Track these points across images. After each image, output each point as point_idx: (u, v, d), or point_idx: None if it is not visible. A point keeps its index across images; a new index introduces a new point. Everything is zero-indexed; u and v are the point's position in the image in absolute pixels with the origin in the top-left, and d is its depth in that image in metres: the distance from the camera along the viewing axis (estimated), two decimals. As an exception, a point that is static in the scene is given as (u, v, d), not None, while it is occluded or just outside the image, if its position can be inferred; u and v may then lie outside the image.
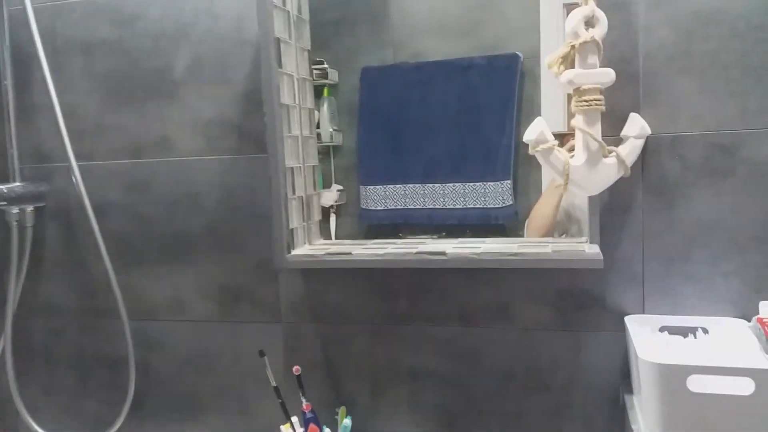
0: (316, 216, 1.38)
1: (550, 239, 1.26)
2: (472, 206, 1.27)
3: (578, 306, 1.25)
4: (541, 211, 1.27)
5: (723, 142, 1.16)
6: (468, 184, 1.27)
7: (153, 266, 1.50)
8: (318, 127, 1.35)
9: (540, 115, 1.22)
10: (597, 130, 1.13)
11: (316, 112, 1.36)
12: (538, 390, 1.29)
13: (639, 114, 1.16)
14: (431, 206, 1.30)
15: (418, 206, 1.30)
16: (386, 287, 1.34)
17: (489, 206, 1.27)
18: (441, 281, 1.31)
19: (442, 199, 1.29)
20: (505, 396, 1.31)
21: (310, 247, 1.32)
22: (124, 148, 1.49)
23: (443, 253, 1.18)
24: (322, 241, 1.38)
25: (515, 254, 1.16)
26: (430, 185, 1.30)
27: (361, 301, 1.36)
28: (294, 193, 1.28)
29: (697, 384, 0.93)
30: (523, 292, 1.27)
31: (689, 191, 1.18)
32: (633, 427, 1.03)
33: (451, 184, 1.28)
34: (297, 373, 1.25)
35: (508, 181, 1.25)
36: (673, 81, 1.17)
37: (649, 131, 1.16)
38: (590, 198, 1.19)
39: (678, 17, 1.16)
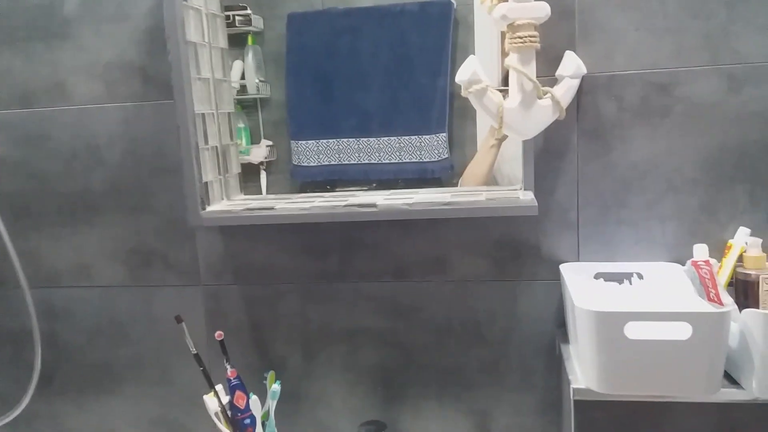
0: (235, 168, 1.27)
1: (484, 188, 1.20)
2: (407, 160, 1.23)
3: (514, 255, 1.21)
4: (475, 171, 1.22)
5: (660, 80, 1.12)
6: (403, 137, 1.23)
7: (53, 229, 1.36)
8: (243, 78, 1.27)
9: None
10: (532, 70, 1.07)
11: (240, 61, 1.27)
12: (476, 343, 1.25)
13: (575, 52, 1.11)
14: (366, 161, 1.25)
15: (353, 161, 1.25)
16: (316, 244, 1.27)
17: (425, 160, 1.23)
18: (374, 235, 1.25)
19: (377, 154, 1.25)
20: (442, 351, 1.27)
21: (228, 203, 1.21)
22: (11, 96, 1.32)
23: (373, 205, 1.10)
24: (243, 196, 1.27)
25: (448, 203, 1.09)
26: (365, 139, 1.25)
27: (289, 260, 1.28)
28: (206, 142, 1.17)
29: (634, 331, 0.91)
30: (459, 244, 1.23)
31: (625, 133, 1.14)
32: (570, 377, 1.00)
33: (385, 138, 1.24)
34: (219, 339, 1.16)
35: (444, 134, 1.21)
36: (609, 16, 1.12)
37: (584, 70, 1.10)
38: (524, 143, 1.14)
39: (615, -53, 1.10)
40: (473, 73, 1.06)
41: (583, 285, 1.10)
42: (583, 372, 0.98)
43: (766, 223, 1.11)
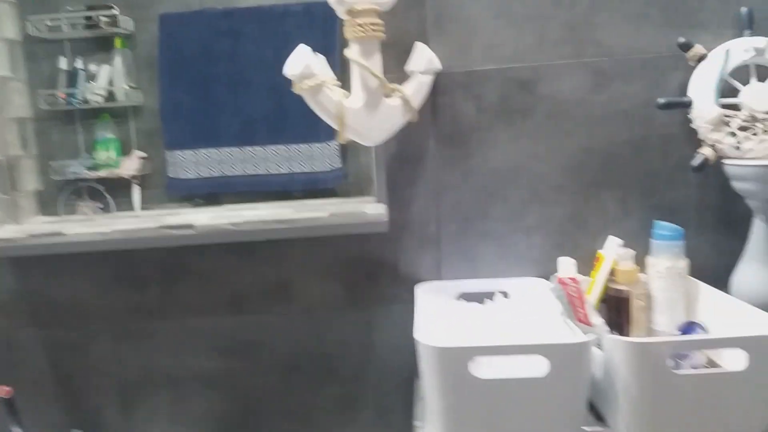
0: (31, 185, 1.06)
1: (332, 200, 1.05)
2: (298, 170, 1.16)
3: (368, 277, 1.08)
4: None
5: (521, 77, 1.03)
6: (292, 146, 1.16)
7: None
8: (111, 85, 1.18)
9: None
10: (376, 64, 0.96)
11: (108, 66, 1.16)
12: (327, 380, 1.12)
13: (427, 45, 1.00)
14: (252, 172, 1.17)
15: (236, 173, 1.17)
16: (131, 274, 1.10)
17: (316, 170, 1.16)
18: (202, 261, 1.09)
19: (264, 164, 1.17)
20: (288, 392, 1.12)
21: (15, 228, 1.00)
22: None
23: (190, 226, 0.92)
24: (42, 218, 1.07)
25: (282, 221, 0.93)
26: (249, 148, 1.17)
27: (99, 295, 1.11)
28: (-18, 154, 0.96)
29: (483, 367, 0.78)
30: (305, 267, 1.09)
31: (485, 137, 1.05)
32: (415, 422, 0.86)
33: (273, 147, 1.16)
34: (7, 396, 0.94)
35: (335, 142, 1.13)
36: (465, 3, 1.02)
37: (438, 66, 1.01)
38: (374, 149, 1.01)
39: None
40: (306, 66, 0.92)
41: (439, 308, 0.97)
42: (430, 415, 0.84)
43: (638, 231, 1.01)
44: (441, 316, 0.95)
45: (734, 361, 0.78)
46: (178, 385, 1.13)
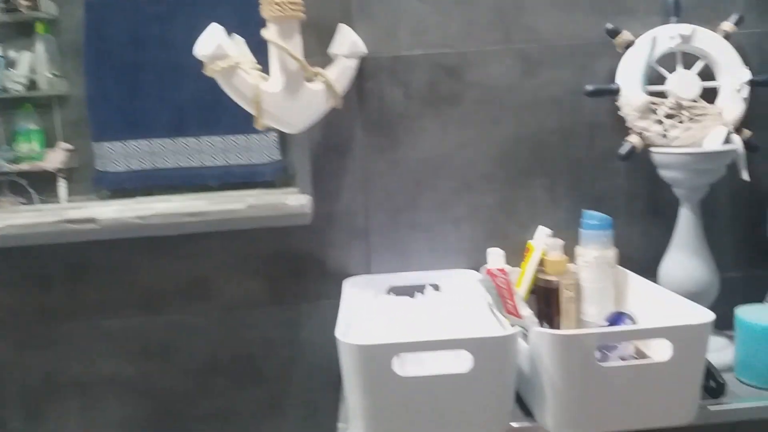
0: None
1: (252, 192, 1.00)
2: (234, 162, 1.12)
3: (294, 273, 1.04)
4: None
5: (449, 63, 1.01)
6: (228, 137, 1.12)
7: None
8: (33, 73, 1.13)
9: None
10: (296, 46, 0.91)
11: (29, 53, 1.11)
12: (251, 381, 1.06)
13: (353, 29, 0.96)
14: (186, 164, 1.12)
15: (169, 165, 1.12)
16: (33, 272, 1.03)
17: (254, 162, 1.12)
18: (111, 257, 1.02)
19: (198, 156, 1.12)
20: (209, 395, 1.06)
21: None
22: None
23: (92, 220, 0.85)
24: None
25: (195, 214, 0.87)
26: (182, 139, 1.12)
27: None
28: None
29: (407, 364, 0.75)
30: (225, 262, 1.03)
31: (413, 124, 1.02)
32: (339, 424, 0.81)
33: (207, 138, 1.12)
34: None
35: (274, 133, 1.10)
36: None
37: (363, 49, 0.97)
38: (296, 137, 0.97)
39: None
40: (218, 47, 0.86)
41: (367, 303, 0.94)
42: (353, 415, 0.80)
43: (568, 221, 1.00)
44: (368, 311, 0.91)
45: (661, 351, 0.78)
46: (89, 391, 1.06)
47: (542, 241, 0.98)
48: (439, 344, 0.74)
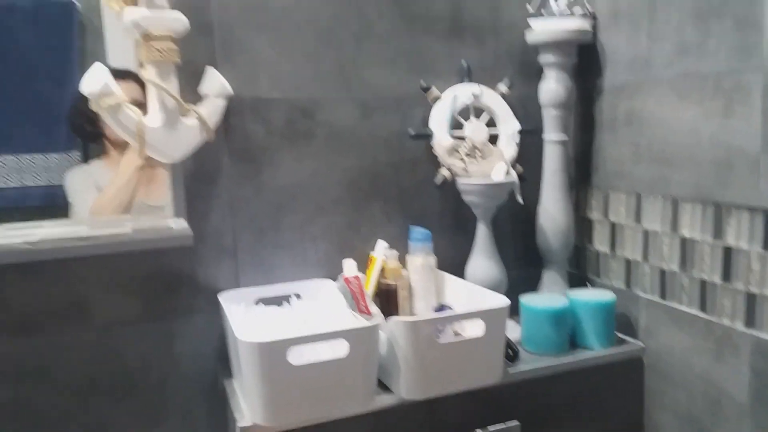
0: None
1: (128, 216, 1.06)
2: (32, 184, 1.08)
3: (168, 290, 1.10)
4: (113, 197, 1.08)
5: (303, 105, 1.16)
6: (24, 156, 1.07)
7: None
8: None
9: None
10: (173, 85, 1.00)
11: None
12: (127, 395, 1.09)
13: (218, 71, 1.07)
14: None
15: None
16: None
17: (54, 183, 1.08)
18: None
19: None
20: (85, 412, 1.06)
21: None
22: None
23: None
24: None
25: (85, 238, 0.92)
26: None
27: None
28: None
29: (296, 356, 0.90)
30: (101, 284, 1.05)
31: (274, 156, 1.15)
32: (236, 415, 0.94)
33: None
34: None
35: (77, 152, 1.09)
36: (250, 37, 1.11)
37: (229, 90, 1.07)
38: (172, 166, 1.05)
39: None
40: (105, 85, 0.92)
41: (244, 313, 1.05)
42: (249, 406, 0.93)
43: (399, 235, 1.23)
44: (248, 319, 1.03)
45: (474, 330, 1.03)
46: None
47: (382, 252, 1.18)
48: (324, 336, 0.91)
